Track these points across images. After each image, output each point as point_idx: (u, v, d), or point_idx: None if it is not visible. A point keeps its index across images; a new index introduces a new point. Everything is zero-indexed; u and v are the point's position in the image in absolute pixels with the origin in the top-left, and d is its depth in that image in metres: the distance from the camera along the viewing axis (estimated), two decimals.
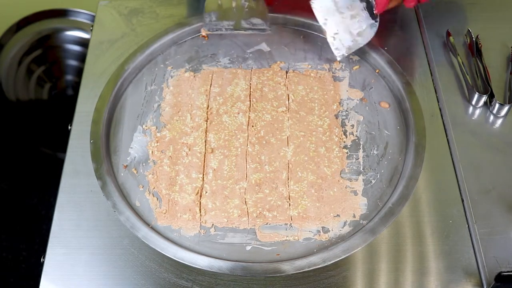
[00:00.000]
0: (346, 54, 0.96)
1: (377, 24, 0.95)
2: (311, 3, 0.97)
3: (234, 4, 0.98)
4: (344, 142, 0.91)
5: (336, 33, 0.94)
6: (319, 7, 0.96)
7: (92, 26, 1.11)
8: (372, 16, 0.94)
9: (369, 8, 0.95)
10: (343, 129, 0.93)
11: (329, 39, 0.97)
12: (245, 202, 0.85)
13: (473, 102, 0.94)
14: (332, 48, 0.98)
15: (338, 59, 0.94)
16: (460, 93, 0.97)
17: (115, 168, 0.89)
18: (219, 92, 0.97)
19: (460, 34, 1.04)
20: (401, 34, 1.07)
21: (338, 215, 0.83)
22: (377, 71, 1.00)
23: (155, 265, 0.79)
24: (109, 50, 1.05)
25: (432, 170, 0.87)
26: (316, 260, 0.77)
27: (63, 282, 0.78)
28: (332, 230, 0.82)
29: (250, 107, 0.95)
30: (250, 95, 0.97)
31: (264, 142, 0.91)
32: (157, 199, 0.86)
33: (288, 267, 0.77)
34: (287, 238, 0.81)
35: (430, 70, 1.00)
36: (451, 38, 1.02)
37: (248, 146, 0.90)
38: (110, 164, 0.89)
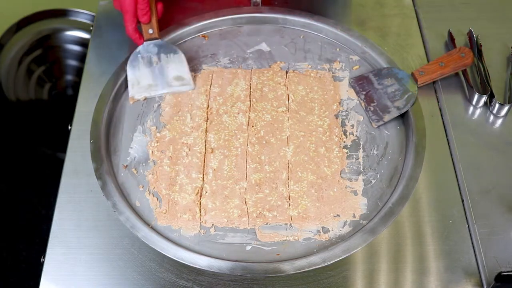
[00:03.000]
0: (384, 122, 0.93)
1: (416, 93, 0.93)
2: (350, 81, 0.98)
3: (155, 60, 0.97)
4: (344, 142, 0.91)
5: (373, 103, 0.94)
6: (357, 85, 0.97)
7: (92, 26, 1.11)
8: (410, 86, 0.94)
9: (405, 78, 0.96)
10: (343, 129, 0.93)
11: (365, 109, 0.94)
12: (245, 202, 0.85)
13: (473, 102, 0.94)
14: (369, 117, 0.93)
15: (375, 126, 0.93)
16: (460, 93, 0.97)
17: (115, 168, 0.89)
18: (219, 92, 0.97)
19: (460, 34, 1.04)
20: (401, 34, 1.06)
21: (338, 215, 0.83)
22: None
23: (155, 265, 0.79)
24: (109, 50, 1.05)
25: (432, 170, 0.87)
26: (316, 260, 0.77)
27: (63, 282, 0.78)
28: (332, 230, 0.82)
29: (250, 107, 0.95)
30: (250, 95, 0.96)
31: (264, 142, 0.91)
32: (157, 199, 0.86)
33: (288, 267, 0.77)
34: (287, 238, 0.81)
35: None
36: (451, 38, 1.02)
37: (248, 146, 0.90)
38: (110, 164, 0.89)
